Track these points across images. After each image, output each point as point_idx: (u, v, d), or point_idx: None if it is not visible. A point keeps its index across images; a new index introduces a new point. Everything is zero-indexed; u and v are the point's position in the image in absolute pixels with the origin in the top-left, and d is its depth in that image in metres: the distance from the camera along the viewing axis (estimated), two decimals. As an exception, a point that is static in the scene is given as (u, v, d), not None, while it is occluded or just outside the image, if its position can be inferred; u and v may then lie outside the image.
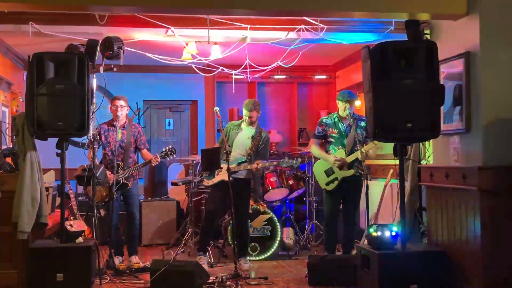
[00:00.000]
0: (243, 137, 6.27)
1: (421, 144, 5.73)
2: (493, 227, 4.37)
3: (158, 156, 6.28)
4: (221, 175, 6.14)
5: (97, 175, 5.68)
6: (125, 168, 6.18)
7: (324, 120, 6.12)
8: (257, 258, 6.53)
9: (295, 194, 7.37)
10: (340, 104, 6.00)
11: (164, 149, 6.37)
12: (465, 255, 4.58)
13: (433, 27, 5.20)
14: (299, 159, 6.26)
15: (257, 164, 6.04)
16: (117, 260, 6.04)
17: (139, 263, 6.16)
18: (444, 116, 4.85)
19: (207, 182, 6.34)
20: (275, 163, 6.51)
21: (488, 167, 4.38)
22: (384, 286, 4.49)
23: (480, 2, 4.52)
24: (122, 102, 6.26)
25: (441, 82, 4.74)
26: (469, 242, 4.53)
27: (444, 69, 4.90)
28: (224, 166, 5.92)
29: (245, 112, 6.24)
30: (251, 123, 6.24)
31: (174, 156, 6.42)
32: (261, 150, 6.24)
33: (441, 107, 4.67)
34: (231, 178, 5.77)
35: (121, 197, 6.36)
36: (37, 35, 5.49)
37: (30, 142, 5.11)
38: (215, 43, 6.44)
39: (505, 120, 4.43)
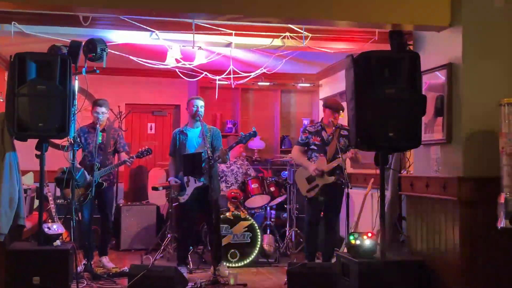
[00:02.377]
0: (193, 139, 6.19)
1: (402, 153, 5.77)
2: (472, 237, 4.41)
3: (134, 156, 6.30)
4: (192, 184, 6.08)
5: (77, 177, 5.62)
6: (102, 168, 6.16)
7: (308, 128, 6.15)
8: (237, 265, 6.50)
9: (276, 201, 7.36)
10: (328, 112, 6.02)
11: (140, 150, 6.39)
12: (444, 264, 4.61)
13: (417, 38, 5.24)
14: (254, 130, 6.22)
15: (222, 149, 6.03)
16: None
17: (116, 267, 6.11)
18: (425, 126, 4.88)
19: (184, 199, 6.16)
20: (233, 144, 6.44)
21: (468, 177, 4.42)
22: (363, 295, 4.50)
23: (463, 14, 4.58)
24: (103, 109, 6.28)
25: (423, 93, 4.78)
26: (448, 251, 4.56)
27: (426, 80, 4.94)
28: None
29: (197, 102, 6.21)
30: (198, 120, 6.16)
31: (150, 155, 6.40)
32: (216, 145, 6.13)
33: (423, 118, 4.70)
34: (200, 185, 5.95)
35: (96, 201, 6.30)
36: (20, 35, 5.43)
37: (9, 142, 5.06)
38: (200, 48, 6.43)
39: (485, 131, 4.48)
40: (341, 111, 6.01)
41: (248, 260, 6.56)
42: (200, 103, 6.21)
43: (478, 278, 4.42)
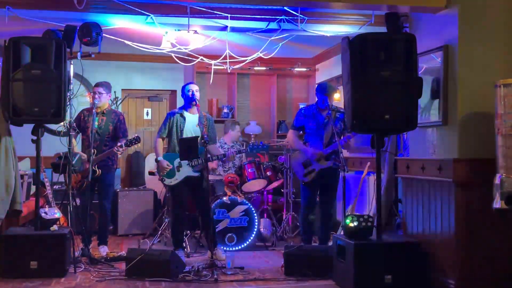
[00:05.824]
0: (191, 126, 6.10)
1: (398, 136, 5.78)
2: (467, 219, 4.44)
3: (122, 145, 6.11)
4: (184, 171, 6.05)
5: (73, 162, 5.61)
6: (97, 155, 6.07)
7: (303, 111, 6.14)
8: (234, 249, 6.52)
9: (273, 185, 7.38)
10: (319, 96, 6.01)
11: (128, 139, 6.18)
12: (440, 246, 4.64)
13: (413, 20, 5.23)
14: (266, 144, 6.23)
15: (232, 155, 6.05)
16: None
17: (114, 252, 6.11)
18: (421, 109, 4.88)
19: (170, 182, 6.08)
20: (242, 150, 6.51)
21: (464, 159, 4.44)
22: (359, 277, 4.52)
23: (459, -4, 4.56)
24: (100, 89, 6.17)
25: (419, 75, 4.77)
26: (444, 233, 4.59)
27: (422, 62, 4.93)
28: (183, 162, 5.95)
29: (192, 87, 6.14)
30: (195, 104, 6.10)
31: (139, 145, 6.27)
32: (211, 134, 6.11)
33: (419, 100, 4.70)
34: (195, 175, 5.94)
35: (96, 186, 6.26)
36: (14, 19, 5.39)
37: (5, 128, 5.04)
38: (195, 32, 6.39)
39: (481, 114, 4.49)
40: (331, 92, 5.98)
41: (245, 244, 6.58)
42: (194, 87, 6.17)
43: (473, 259, 4.45)
